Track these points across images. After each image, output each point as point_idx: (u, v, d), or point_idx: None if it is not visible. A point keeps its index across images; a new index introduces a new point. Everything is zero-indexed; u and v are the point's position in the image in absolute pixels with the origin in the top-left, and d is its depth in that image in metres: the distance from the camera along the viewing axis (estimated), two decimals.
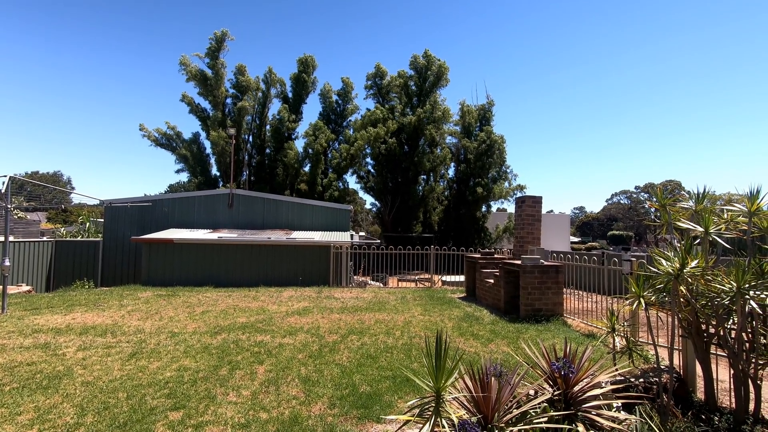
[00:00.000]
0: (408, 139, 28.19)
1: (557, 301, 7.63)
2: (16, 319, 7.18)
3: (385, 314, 7.87)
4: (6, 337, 6.04)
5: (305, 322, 7.12)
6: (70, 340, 5.88)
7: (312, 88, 29.48)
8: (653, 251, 4.52)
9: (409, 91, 29.18)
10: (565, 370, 3.48)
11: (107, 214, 15.69)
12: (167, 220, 15.44)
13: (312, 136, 26.52)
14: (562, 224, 35.30)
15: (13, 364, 4.86)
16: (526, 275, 7.55)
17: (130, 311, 7.95)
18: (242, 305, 8.66)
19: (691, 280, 4.21)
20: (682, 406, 4.66)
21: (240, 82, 27.26)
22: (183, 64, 26.27)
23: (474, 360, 5.10)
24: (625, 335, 4.82)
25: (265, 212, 15.92)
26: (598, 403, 3.54)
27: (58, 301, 8.95)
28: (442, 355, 3.08)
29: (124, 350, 5.46)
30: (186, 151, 26.89)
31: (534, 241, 9.08)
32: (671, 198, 5.22)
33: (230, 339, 6.01)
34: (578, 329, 6.88)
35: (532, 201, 9.35)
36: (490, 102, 30.35)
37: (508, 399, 3.18)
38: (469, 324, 7.08)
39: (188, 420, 3.56)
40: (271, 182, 27.27)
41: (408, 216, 28.63)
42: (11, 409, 3.72)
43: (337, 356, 5.30)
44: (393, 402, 3.96)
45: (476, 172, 27.91)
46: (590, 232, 70.39)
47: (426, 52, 28.81)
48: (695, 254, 4.29)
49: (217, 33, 26.57)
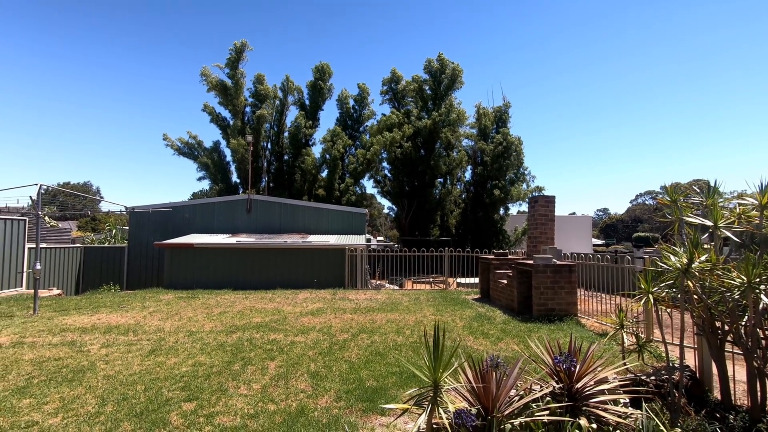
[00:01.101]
0: (424, 143, 28.26)
1: (571, 301, 7.56)
2: (46, 320, 7.57)
3: (396, 314, 7.94)
4: (36, 335, 6.39)
5: (318, 322, 7.26)
6: (94, 338, 6.17)
7: (328, 95, 29.93)
8: (662, 247, 4.47)
9: (424, 95, 29.30)
10: (567, 364, 3.49)
11: (132, 220, 16.31)
12: (189, 226, 15.92)
13: (329, 141, 26.89)
14: (583, 226, 34.57)
15: (42, 360, 5.15)
16: (539, 275, 7.51)
17: (151, 312, 8.26)
18: (258, 306, 8.87)
19: (700, 275, 4.15)
20: (697, 404, 4.58)
21: (259, 90, 27.92)
22: (204, 75, 27.11)
23: (482, 357, 5.12)
24: (635, 332, 4.77)
25: (282, 217, 16.24)
26: (604, 398, 3.52)
27: (85, 303, 9.36)
28: (440, 346, 3.15)
29: (144, 347, 5.70)
30: (207, 159, 27.65)
31: (547, 241, 9.01)
32: (683, 194, 5.15)
33: (245, 337, 6.20)
34: (592, 329, 6.80)
35: (545, 201, 9.29)
36: (507, 104, 30.17)
37: (509, 391, 3.21)
38: (480, 323, 7.08)
39: (200, 410, 3.72)
40: (289, 188, 27.75)
41: (425, 219, 28.63)
42: (39, 399, 3.97)
43: (346, 353, 5.40)
44: (398, 396, 4.04)
45: (493, 174, 27.73)
46: (614, 234, 68.70)
47: (440, 55, 28.92)
48: (707, 250, 4.24)
49: (236, 44, 27.33)
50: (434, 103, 28.86)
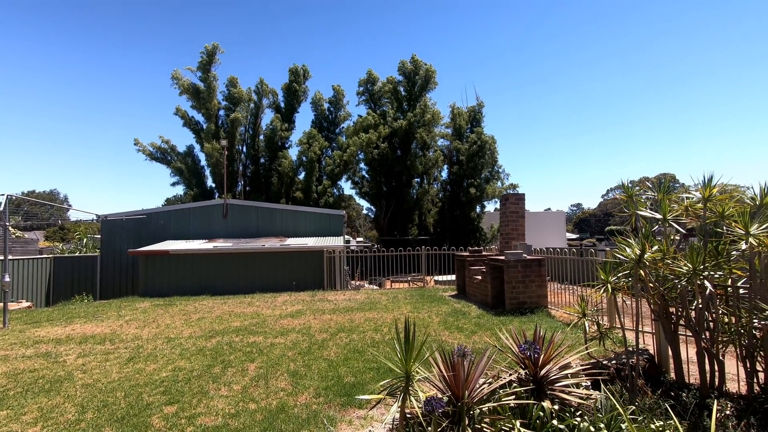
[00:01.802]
0: (400, 143, 28.54)
1: (541, 294, 7.89)
2: (18, 332, 7.41)
3: (375, 313, 8.12)
4: (8, 348, 6.27)
5: (297, 323, 7.37)
6: (70, 349, 6.12)
7: (304, 97, 29.87)
8: (617, 240, 4.80)
9: (399, 96, 29.58)
10: (530, 351, 3.72)
11: (103, 228, 15.93)
12: (163, 232, 15.68)
13: (306, 144, 26.85)
14: (558, 221, 35.54)
15: (16, 372, 5.10)
16: (510, 269, 7.82)
17: (128, 321, 8.18)
18: (237, 311, 8.89)
19: (652, 264, 4.50)
20: (654, 385, 4.92)
21: (232, 93, 27.63)
22: (175, 78, 26.66)
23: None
24: (596, 320, 5.08)
25: (260, 221, 16.19)
26: (567, 382, 3.79)
27: (58, 315, 9.18)
28: (411, 339, 3.34)
29: (122, 355, 5.70)
30: (181, 164, 27.19)
31: (518, 237, 9.35)
32: (637, 189, 5.52)
33: (224, 341, 6.25)
34: (560, 319, 7.14)
35: (516, 198, 9.64)
36: (480, 103, 30.79)
37: (477, 378, 3.42)
38: (456, 318, 7.33)
39: (182, 413, 3.81)
40: (266, 191, 27.56)
41: (403, 219, 28.92)
42: (16, 410, 3.96)
43: (325, 352, 5.55)
44: (375, 390, 4.21)
45: (469, 173, 28.24)
46: (587, 228, 70.75)
47: (413, 57, 29.25)
48: (660, 241, 4.59)
49: (208, 47, 26.99)
50: (409, 103, 29.19)
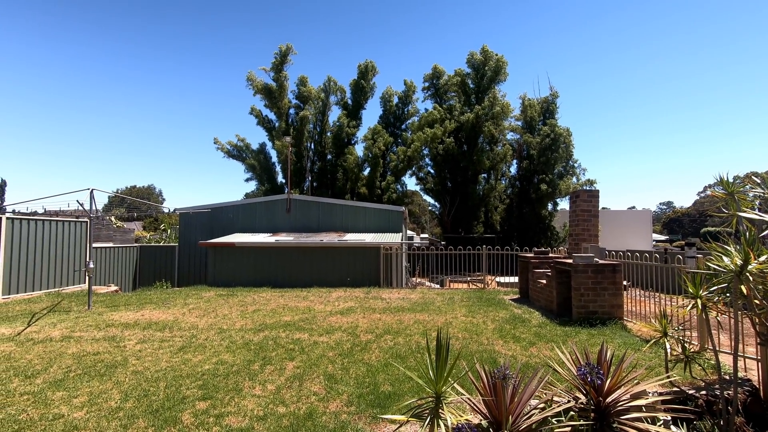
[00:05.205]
0: (466, 138, 27.55)
1: (615, 303, 6.97)
2: (96, 315, 8.11)
3: (426, 315, 7.72)
4: (84, 330, 6.83)
5: (345, 321, 7.21)
6: (133, 334, 6.50)
7: (371, 94, 29.94)
8: (710, 246, 3.94)
9: (466, 89, 28.57)
10: (591, 376, 3.15)
11: (181, 221, 17.22)
12: (232, 226, 16.56)
13: (371, 140, 26.94)
14: (643, 221, 32.31)
15: (83, 354, 5.48)
16: (579, 275, 6.99)
17: (191, 309, 8.61)
18: (291, 304, 8.99)
19: (758, 278, 3.61)
20: (758, 425, 4.02)
21: (302, 92, 28.53)
22: (250, 80, 28.09)
23: (510, 366, 4.80)
24: (681, 341, 4.24)
25: (320, 216, 16.45)
26: (639, 414, 3.15)
27: (134, 300, 9.96)
28: (444, 355, 2.93)
29: (176, 344, 5.91)
30: (254, 160, 28.66)
31: (590, 239, 8.38)
32: (740, 185, 4.56)
33: (270, 336, 6.26)
34: (638, 334, 6.21)
35: (588, 195, 8.64)
36: (554, 93, 28.72)
37: (525, 403, 2.94)
38: (513, 326, 6.70)
39: (212, 410, 3.75)
40: (332, 187, 28.14)
41: (468, 216, 27.96)
42: (71, 393, 4.19)
43: (366, 355, 5.29)
44: (412, 403, 3.85)
45: (540, 168, 26.53)
46: (679, 229, 63.61)
47: (483, 47, 28.05)
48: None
49: (282, 47, 28.04)
50: (477, 96, 28.07)
